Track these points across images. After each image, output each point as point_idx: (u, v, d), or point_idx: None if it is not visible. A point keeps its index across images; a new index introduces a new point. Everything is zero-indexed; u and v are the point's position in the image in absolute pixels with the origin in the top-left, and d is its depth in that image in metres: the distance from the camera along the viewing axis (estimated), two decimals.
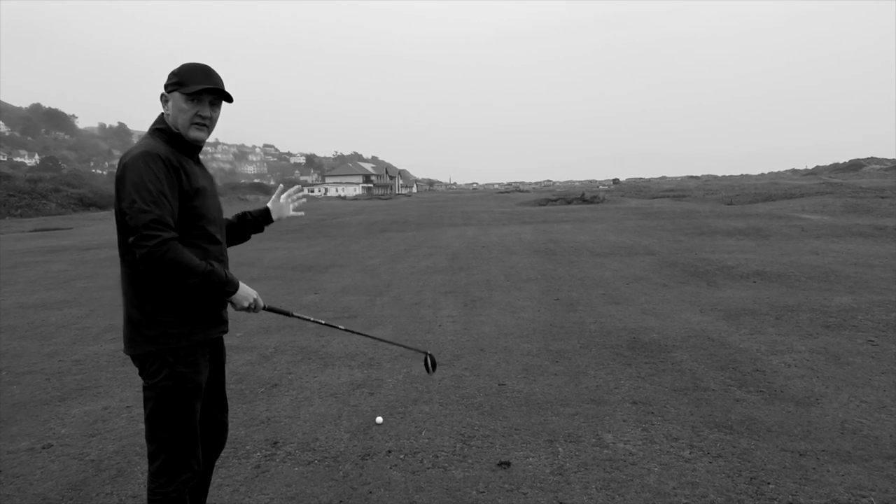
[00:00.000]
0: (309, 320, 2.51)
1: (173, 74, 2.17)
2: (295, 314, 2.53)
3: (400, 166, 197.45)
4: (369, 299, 8.09)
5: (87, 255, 14.67)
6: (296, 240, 17.35)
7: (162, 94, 2.18)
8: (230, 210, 2.72)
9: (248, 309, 2.23)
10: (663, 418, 3.82)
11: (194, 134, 2.16)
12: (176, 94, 2.15)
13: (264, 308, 2.32)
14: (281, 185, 3.05)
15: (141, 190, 1.98)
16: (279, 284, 9.54)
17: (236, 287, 2.18)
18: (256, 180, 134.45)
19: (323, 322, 2.59)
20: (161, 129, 2.17)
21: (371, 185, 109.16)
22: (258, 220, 2.74)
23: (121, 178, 2.01)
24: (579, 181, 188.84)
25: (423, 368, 3.00)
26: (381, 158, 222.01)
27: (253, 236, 2.88)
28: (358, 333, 2.64)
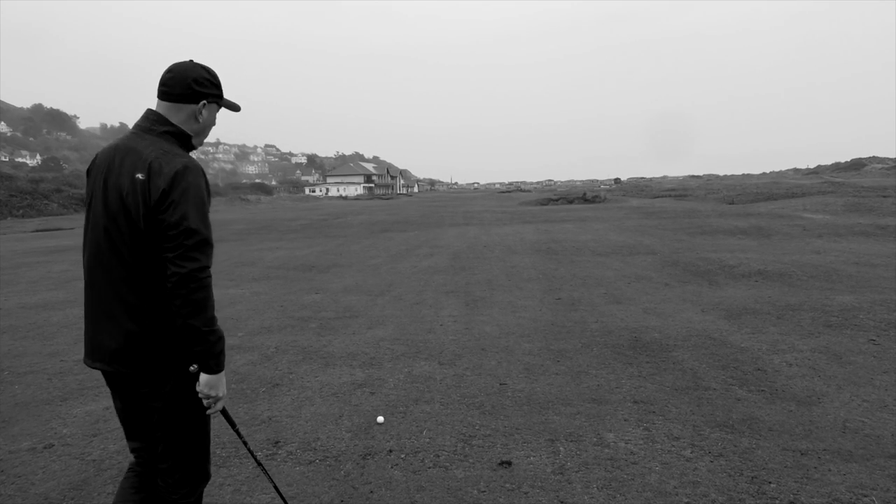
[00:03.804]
0: (244, 443, 2.26)
1: (216, 84, 2.07)
2: (237, 429, 2.21)
3: (401, 166, 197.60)
4: (370, 299, 8.10)
5: None
6: (297, 240, 17.35)
7: (204, 102, 2.03)
8: (233, 211, 2.70)
9: (211, 398, 1.96)
10: (664, 417, 3.82)
11: (201, 145, 2.11)
12: (214, 106, 2.08)
13: (222, 410, 2.06)
14: None
15: (200, 206, 1.89)
16: (280, 284, 9.55)
17: (222, 367, 1.97)
18: (258, 180, 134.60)
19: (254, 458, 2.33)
20: (171, 132, 2.00)
21: (372, 185, 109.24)
22: None
23: (175, 183, 1.85)
24: (581, 181, 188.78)
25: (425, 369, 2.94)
26: (382, 158, 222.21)
27: (255, 237, 2.84)
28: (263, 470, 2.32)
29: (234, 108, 2.18)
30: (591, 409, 3.98)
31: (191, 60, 2.05)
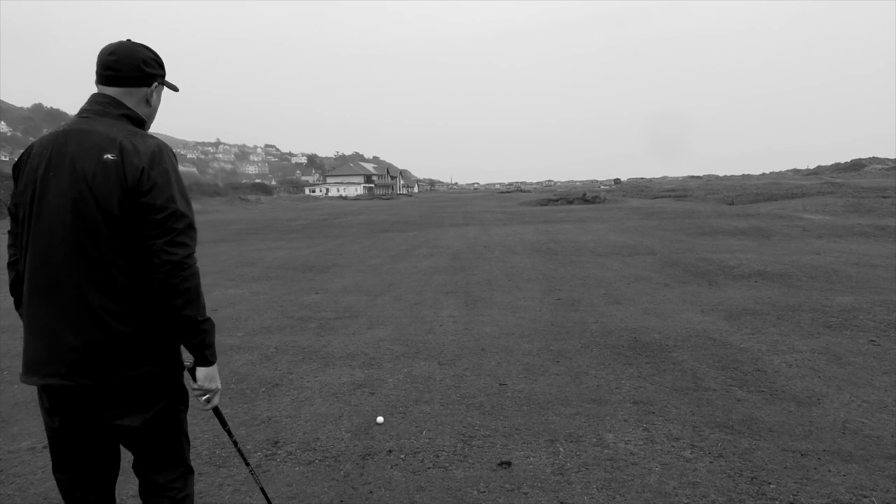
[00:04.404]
0: (234, 443, 2.19)
1: (162, 65, 1.92)
2: (228, 429, 2.14)
3: (401, 166, 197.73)
4: (370, 299, 8.09)
5: None
6: (297, 240, 17.35)
7: (155, 84, 1.90)
8: (233, 211, 2.69)
9: (207, 392, 1.86)
10: (664, 418, 3.81)
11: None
12: (161, 88, 1.93)
13: (215, 407, 1.96)
14: None
15: (183, 188, 1.75)
16: (280, 284, 9.54)
17: (216, 358, 1.87)
18: (258, 180, 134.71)
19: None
20: (128, 116, 1.82)
21: (372, 185, 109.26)
22: None
23: (154, 163, 1.71)
24: (580, 181, 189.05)
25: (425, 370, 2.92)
26: (382, 158, 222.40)
27: (255, 237, 2.80)
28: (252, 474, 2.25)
29: (174, 88, 2.03)
30: (591, 410, 3.97)
31: (129, 40, 1.87)
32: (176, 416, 1.90)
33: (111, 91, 1.82)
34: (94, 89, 1.86)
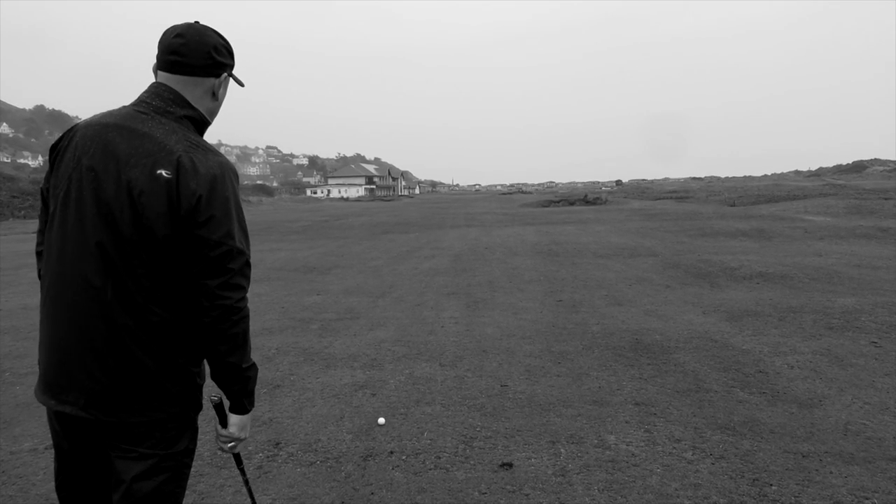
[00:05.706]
0: (246, 482, 1.97)
1: (232, 53, 1.69)
2: (242, 468, 1.94)
3: (403, 168, 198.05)
4: (372, 300, 8.10)
5: None
6: (298, 241, 17.36)
7: (224, 75, 1.67)
8: None
9: (233, 439, 1.70)
10: (666, 419, 3.81)
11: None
12: (228, 80, 1.71)
13: (236, 453, 1.81)
14: None
15: (242, 220, 1.56)
16: (282, 286, 9.55)
17: (253, 406, 1.70)
18: (259, 182, 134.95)
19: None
20: (192, 117, 1.61)
21: (374, 187, 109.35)
22: None
23: (214, 190, 1.49)
24: (582, 182, 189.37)
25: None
26: (383, 160, 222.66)
27: (256, 238, 2.70)
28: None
29: (241, 83, 1.80)
30: (593, 411, 3.97)
31: (197, 22, 1.64)
32: (185, 466, 1.66)
33: (175, 81, 1.60)
34: (97, 91, 1.79)
